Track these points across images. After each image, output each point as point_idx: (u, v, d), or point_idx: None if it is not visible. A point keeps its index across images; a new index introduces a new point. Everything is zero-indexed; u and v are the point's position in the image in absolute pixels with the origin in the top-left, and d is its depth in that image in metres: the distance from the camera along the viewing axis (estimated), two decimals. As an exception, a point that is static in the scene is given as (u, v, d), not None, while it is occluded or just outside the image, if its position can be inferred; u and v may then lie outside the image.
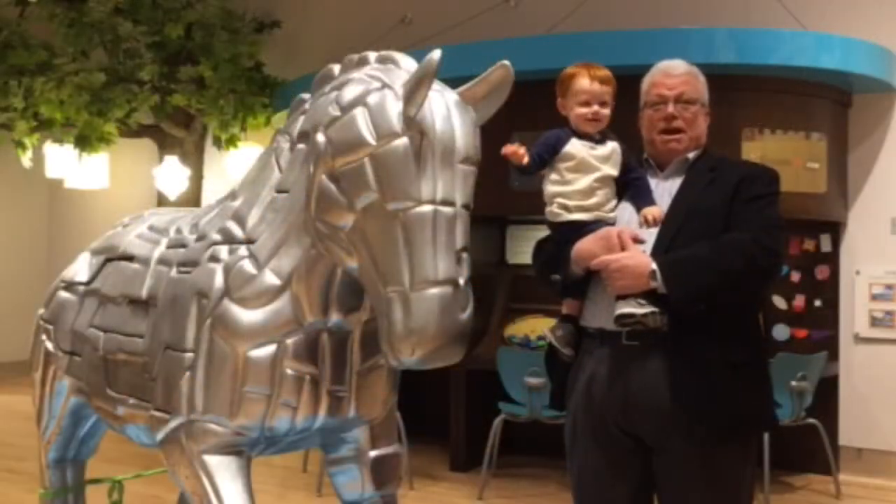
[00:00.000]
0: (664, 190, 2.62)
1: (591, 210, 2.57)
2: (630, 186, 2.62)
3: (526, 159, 2.54)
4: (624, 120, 2.71)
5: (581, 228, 2.54)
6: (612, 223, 2.56)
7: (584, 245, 2.51)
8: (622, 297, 2.42)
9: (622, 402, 2.50)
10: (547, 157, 2.59)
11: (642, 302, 2.39)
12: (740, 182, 2.53)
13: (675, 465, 2.48)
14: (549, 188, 2.61)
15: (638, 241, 2.46)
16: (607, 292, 2.47)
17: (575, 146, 2.58)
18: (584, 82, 2.60)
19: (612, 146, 2.62)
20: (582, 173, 2.57)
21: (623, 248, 2.43)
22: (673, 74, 2.65)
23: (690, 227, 2.48)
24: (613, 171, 2.60)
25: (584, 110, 2.59)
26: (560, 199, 2.59)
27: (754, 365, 2.53)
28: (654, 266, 2.39)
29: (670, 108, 2.61)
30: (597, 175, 2.58)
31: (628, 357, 2.50)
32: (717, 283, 2.40)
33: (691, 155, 2.64)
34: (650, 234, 2.51)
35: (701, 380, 2.41)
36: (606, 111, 2.61)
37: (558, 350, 2.64)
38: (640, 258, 2.42)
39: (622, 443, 2.54)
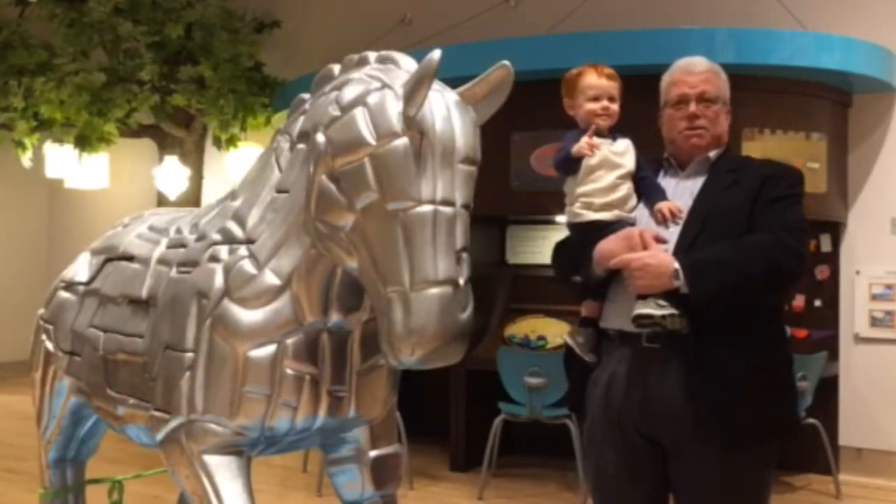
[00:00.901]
0: (685, 189, 2.58)
1: (616, 206, 2.55)
2: (640, 186, 2.60)
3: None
4: (625, 120, 2.70)
5: (602, 229, 2.52)
6: (633, 223, 2.54)
7: (605, 245, 2.48)
8: (642, 298, 2.39)
9: (640, 405, 2.48)
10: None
11: (662, 303, 2.36)
12: (763, 183, 2.49)
13: (692, 468, 2.45)
14: (573, 189, 2.60)
15: (660, 240, 2.43)
16: (628, 292, 2.43)
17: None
18: (591, 78, 2.60)
19: (625, 142, 2.62)
20: (605, 170, 2.56)
21: (645, 248, 2.40)
22: (694, 72, 2.61)
23: (712, 228, 2.45)
24: (632, 166, 2.60)
25: (593, 105, 2.59)
26: (584, 199, 2.57)
27: (775, 369, 2.49)
28: (676, 265, 2.35)
29: (692, 108, 2.57)
30: (620, 172, 2.57)
31: (648, 359, 2.47)
32: (740, 284, 2.36)
33: (713, 154, 2.61)
34: (672, 234, 2.49)
35: (719, 383, 2.38)
36: (615, 107, 2.61)
37: (580, 356, 2.61)
38: (663, 257, 2.38)
39: (639, 445, 2.51)
